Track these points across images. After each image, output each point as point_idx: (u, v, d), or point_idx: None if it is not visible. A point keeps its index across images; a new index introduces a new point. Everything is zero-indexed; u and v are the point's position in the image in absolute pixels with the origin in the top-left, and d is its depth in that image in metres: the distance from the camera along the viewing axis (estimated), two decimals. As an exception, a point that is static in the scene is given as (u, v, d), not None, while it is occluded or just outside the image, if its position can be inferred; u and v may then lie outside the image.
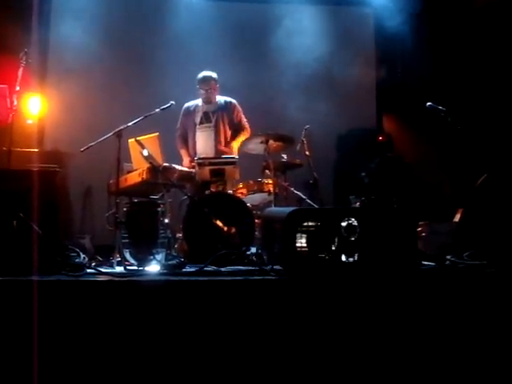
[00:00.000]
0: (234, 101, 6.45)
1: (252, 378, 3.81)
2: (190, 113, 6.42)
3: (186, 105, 6.45)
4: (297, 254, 4.23)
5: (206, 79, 6.31)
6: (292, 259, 4.23)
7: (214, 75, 6.35)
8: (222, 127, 6.34)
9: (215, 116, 6.35)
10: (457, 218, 5.81)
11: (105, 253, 5.20)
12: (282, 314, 3.90)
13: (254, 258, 4.91)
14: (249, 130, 6.36)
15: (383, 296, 4.03)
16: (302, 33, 7.73)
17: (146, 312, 3.79)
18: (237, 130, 6.39)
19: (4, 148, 5.58)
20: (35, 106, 6.48)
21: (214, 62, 7.06)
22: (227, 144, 6.31)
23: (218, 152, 6.22)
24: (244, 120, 6.43)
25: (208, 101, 6.35)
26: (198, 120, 6.37)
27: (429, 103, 5.70)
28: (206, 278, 4.07)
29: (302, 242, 4.23)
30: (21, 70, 5.51)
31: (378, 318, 3.98)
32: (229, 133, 6.37)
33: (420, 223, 5.49)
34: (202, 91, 6.32)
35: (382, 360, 3.94)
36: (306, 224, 4.26)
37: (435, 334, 4.01)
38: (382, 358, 3.94)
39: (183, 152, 6.38)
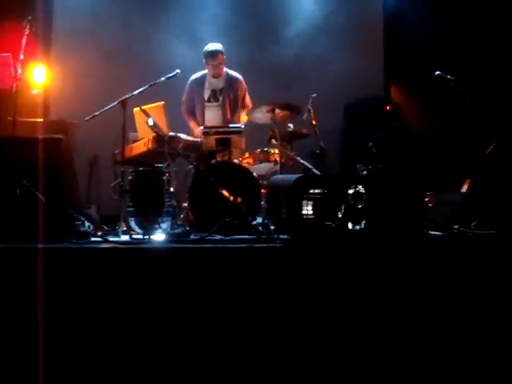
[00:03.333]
0: (240, 77, 6.38)
1: (257, 347, 3.80)
2: (197, 85, 6.34)
3: (193, 77, 6.37)
4: (303, 222, 4.21)
5: (214, 53, 6.20)
6: (298, 226, 4.21)
7: (221, 48, 6.24)
8: (228, 106, 6.31)
9: (222, 95, 6.30)
10: (464, 188, 5.76)
11: (111, 222, 5.18)
12: (287, 281, 3.89)
13: (260, 227, 4.88)
14: (250, 108, 6.30)
15: (390, 264, 4.01)
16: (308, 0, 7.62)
17: (151, 279, 3.79)
18: (240, 108, 6.35)
19: (9, 118, 5.58)
20: (40, 76, 6.41)
21: (220, 30, 7.01)
22: (234, 122, 6.26)
23: (225, 128, 6.19)
24: (247, 98, 6.40)
25: (216, 75, 6.27)
26: (206, 96, 6.32)
27: (437, 72, 5.62)
28: (211, 245, 4.06)
29: (308, 209, 4.21)
30: (25, 38, 5.48)
31: (384, 286, 3.97)
32: (235, 110, 6.34)
33: (427, 193, 5.45)
34: (210, 66, 6.23)
35: (388, 330, 3.93)
36: (312, 191, 4.23)
37: (441, 302, 3.99)
38: (388, 327, 3.93)
39: (192, 123, 6.33)
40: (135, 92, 5.26)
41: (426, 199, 5.42)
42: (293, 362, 3.83)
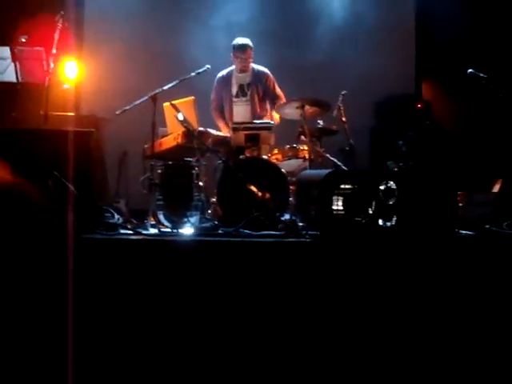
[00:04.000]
0: (266, 71, 6.36)
1: (285, 338, 3.78)
2: (224, 82, 6.34)
3: (220, 74, 6.37)
4: (333, 217, 4.18)
5: (243, 47, 6.19)
6: (328, 222, 4.17)
7: (250, 43, 6.23)
8: (257, 100, 6.28)
9: (250, 89, 6.29)
10: (496, 188, 5.69)
11: (140, 216, 5.21)
12: (316, 277, 3.86)
13: (288, 223, 4.86)
14: (284, 98, 6.28)
15: (420, 262, 3.96)
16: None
17: (178, 271, 3.79)
18: (273, 99, 6.31)
19: (41, 112, 5.62)
20: (72, 71, 6.46)
21: (247, 26, 6.99)
22: (263, 117, 6.24)
23: (254, 124, 6.17)
24: (278, 89, 6.36)
25: (243, 70, 6.27)
26: (234, 92, 6.31)
27: (470, 70, 5.55)
28: (239, 239, 4.04)
29: (338, 204, 4.18)
30: (57, 32, 5.52)
31: (413, 283, 3.92)
32: (264, 104, 6.30)
33: (459, 193, 5.38)
34: (238, 60, 6.23)
35: (418, 325, 3.88)
36: (343, 187, 4.20)
37: (470, 300, 3.93)
38: (418, 323, 3.88)
39: (221, 124, 6.33)
40: (165, 87, 5.29)
41: (458, 198, 5.36)
42: (322, 356, 3.81)
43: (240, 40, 6.24)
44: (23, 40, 5.72)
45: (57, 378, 3.59)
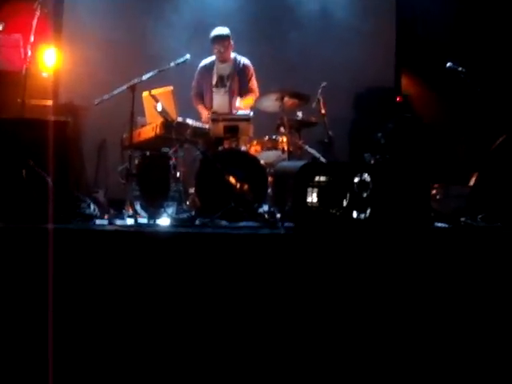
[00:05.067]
0: (248, 63, 6.36)
1: (259, 332, 3.81)
2: (206, 71, 6.35)
3: (202, 63, 6.37)
4: (307, 209, 4.20)
5: (220, 38, 6.18)
6: (302, 214, 4.20)
7: (228, 32, 6.21)
8: (235, 91, 6.29)
9: (229, 80, 6.29)
10: (472, 181, 5.73)
11: (118, 206, 5.20)
12: (289, 269, 3.88)
13: (266, 215, 4.88)
14: (257, 93, 6.29)
15: (394, 254, 3.99)
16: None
17: (154, 263, 3.80)
18: (246, 92, 6.31)
19: (18, 100, 5.58)
20: (50, 58, 6.42)
21: (228, 15, 6.97)
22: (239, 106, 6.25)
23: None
24: (254, 83, 6.36)
25: (223, 59, 6.26)
26: (213, 82, 6.32)
27: (449, 63, 5.58)
28: (214, 231, 4.06)
29: (313, 196, 4.20)
30: (35, 20, 5.47)
31: (387, 275, 3.95)
32: (242, 95, 6.29)
33: (435, 186, 5.43)
34: (216, 50, 6.22)
35: (390, 321, 3.92)
36: (317, 179, 4.22)
37: (444, 293, 3.97)
38: (390, 318, 3.92)
39: (201, 107, 6.34)
40: (144, 77, 5.26)
41: (434, 191, 5.41)
42: (294, 351, 3.83)
43: (217, 30, 6.22)
44: (0, 28, 5.67)
45: (36, 368, 3.59)
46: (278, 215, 4.67)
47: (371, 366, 3.84)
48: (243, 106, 6.14)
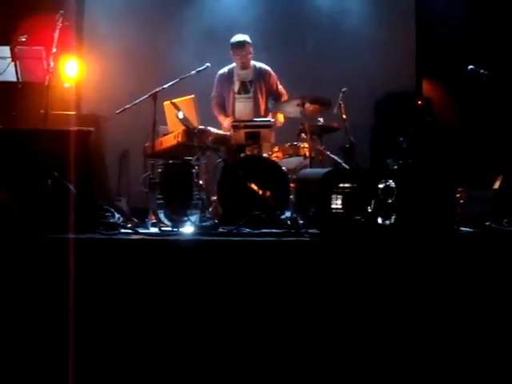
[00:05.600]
0: (268, 68, 6.34)
1: (285, 337, 3.79)
2: (225, 79, 6.32)
3: (221, 71, 6.35)
4: (332, 216, 4.18)
5: (240, 44, 6.17)
6: (327, 221, 4.17)
7: (248, 39, 6.20)
8: (260, 97, 6.26)
9: (253, 86, 6.27)
10: (496, 184, 5.68)
11: (141, 215, 5.22)
12: (315, 276, 3.86)
13: (288, 222, 4.86)
14: (286, 96, 6.28)
15: (420, 260, 3.96)
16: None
17: (178, 271, 3.80)
18: (276, 97, 6.29)
19: (41, 111, 5.64)
20: (72, 69, 6.48)
21: (247, 23, 6.99)
22: (267, 114, 6.23)
23: (257, 122, 6.15)
24: (281, 87, 6.34)
25: (244, 66, 6.25)
26: (236, 89, 6.30)
27: (470, 66, 5.54)
28: (238, 238, 4.05)
29: (337, 203, 4.18)
30: (57, 31, 5.53)
31: (414, 281, 3.92)
32: (267, 102, 6.28)
33: (459, 189, 5.37)
34: (237, 57, 6.21)
35: (418, 324, 3.88)
36: (341, 185, 4.20)
37: (470, 298, 3.93)
38: (419, 321, 3.89)
39: (222, 118, 6.32)
40: (166, 85, 5.30)
41: (458, 195, 5.36)
42: (321, 354, 3.81)
43: (237, 37, 6.22)
44: (23, 39, 5.75)
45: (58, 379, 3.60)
46: (301, 222, 4.66)
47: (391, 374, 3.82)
48: (282, 116, 6.16)
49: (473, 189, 5.62)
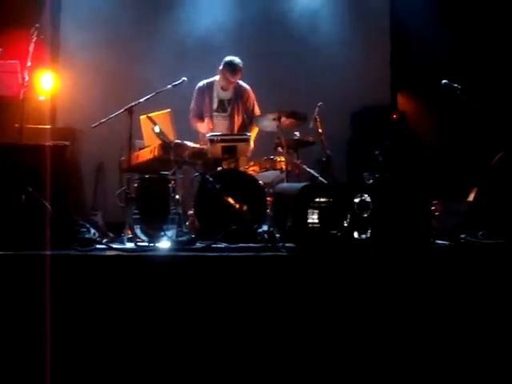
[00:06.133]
0: (248, 88, 6.32)
1: (261, 355, 3.78)
2: (205, 92, 6.28)
3: (200, 84, 6.31)
4: (308, 230, 4.20)
5: (236, 69, 6.08)
6: (303, 235, 4.19)
7: (241, 65, 6.13)
8: (236, 116, 6.26)
9: (230, 105, 6.25)
10: (471, 197, 5.74)
11: (117, 230, 5.20)
12: (292, 290, 3.86)
13: (265, 235, 4.86)
14: None
15: (395, 273, 3.98)
16: (315, 8, 7.64)
17: (155, 287, 3.78)
18: (250, 118, 6.28)
19: (16, 125, 5.60)
20: (47, 83, 6.44)
21: (225, 35, 7.00)
22: (243, 132, 6.20)
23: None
24: (257, 108, 6.34)
25: (225, 88, 6.23)
26: (214, 106, 6.27)
27: (444, 81, 5.62)
28: (215, 254, 4.04)
29: (313, 217, 4.20)
30: (32, 45, 5.50)
31: (389, 295, 3.94)
32: (243, 121, 6.29)
33: (434, 202, 5.42)
34: (227, 77, 6.13)
35: (394, 339, 3.90)
36: (318, 200, 4.22)
37: (446, 311, 3.96)
38: (394, 336, 3.90)
39: (199, 124, 6.27)
40: (142, 99, 5.28)
41: (433, 208, 5.40)
42: (298, 371, 3.81)
43: (235, 60, 6.13)
44: (-3, 53, 5.69)
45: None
46: (278, 235, 4.66)
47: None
48: (253, 137, 6.15)
49: (448, 201, 5.68)
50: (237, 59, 6.16)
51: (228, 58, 6.16)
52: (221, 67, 6.17)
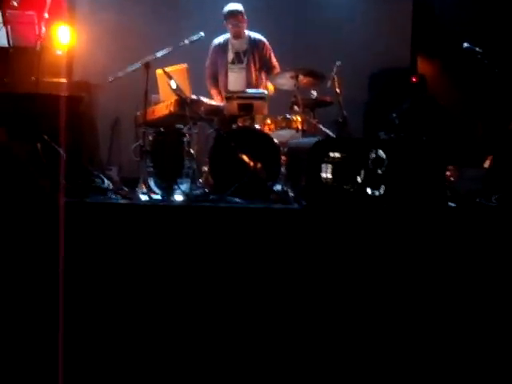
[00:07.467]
0: (263, 39, 6.28)
1: (269, 305, 3.80)
2: (220, 49, 6.26)
3: (215, 41, 6.28)
4: (321, 185, 4.19)
5: (234, 13, 6.11)
6: (316, 190, 4.18)
7: (241, 8, 6.13)
8: (253, 68, 6.22)
9: (246, 56, 6.21)
10: (487, 163, 5.68)
11: (132, 185, 5.20)
12: (302, 245, 3.87)
13: (279, 193, 4.86)
14: (279, 68, 6.24)
15: (408, 231, 3.97)
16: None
17: (167, 237, 3.80)
18: (268, 69, 6.26)
19: (32, 77, 5.59)
20: (64, 36, 6.40)
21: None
22: (259, 85, 6.20)
23: (248, 92, 6.11)
24: (274, 59, 6.29)
25: (237, 35, 6.19)
26: (229, 59, 6.25)
27: (466, 44, 5.52)
28: (227, 205, 4.05)
29: (327, 173, 4.18)
30: (49, -3, 5.49)
31: (401, 252, 3.93)
32: (260, 73, 6.24)
33: (449, 167, 5.38)
34: (230, 26, 6.15)
35: (406, 298, 3.90)
36: (331, 155, 4.20)
37: (459, 271, 3.95)
38: (406, 295, 3.90)
39: (214, 92, 6.26)
40: (159, 54, 5.24)
41: (449, 173, 5.37)
42: (305, 328, 3.83)
43: (230, 6, 6.15)
44: (15, 4, 5.67)
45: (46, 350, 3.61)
46: (292, 194, 4.66)
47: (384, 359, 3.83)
48: (272, 87, 6.11)
49: (464, 167, 5.62)
50: (233, 4, 6.15)
51: (225, 9, 6.15)
52: (223, 20, 6.15)
